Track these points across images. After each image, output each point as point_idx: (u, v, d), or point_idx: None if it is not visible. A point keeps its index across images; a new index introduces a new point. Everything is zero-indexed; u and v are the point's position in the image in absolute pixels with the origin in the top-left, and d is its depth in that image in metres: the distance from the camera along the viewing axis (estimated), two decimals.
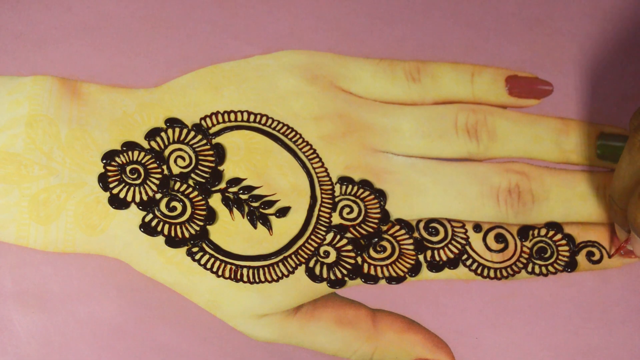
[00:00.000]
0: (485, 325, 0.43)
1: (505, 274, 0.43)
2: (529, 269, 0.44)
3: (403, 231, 0.43)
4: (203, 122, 0.44)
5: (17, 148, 0.42)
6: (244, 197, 0.43)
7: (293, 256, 0.42)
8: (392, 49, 0.48)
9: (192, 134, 0.44)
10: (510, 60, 0.48)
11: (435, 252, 0.43)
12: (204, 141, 0.44)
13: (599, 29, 0.49)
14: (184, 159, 0.43)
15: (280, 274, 0.42)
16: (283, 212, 0.43)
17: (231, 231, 0.42)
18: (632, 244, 0.41)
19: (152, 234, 0.42)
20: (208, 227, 0.42)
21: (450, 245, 0.43)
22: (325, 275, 0.42)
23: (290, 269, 0.42)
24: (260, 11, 0.48)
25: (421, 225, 0.44)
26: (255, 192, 0.43)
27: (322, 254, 0.43)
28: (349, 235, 0.43)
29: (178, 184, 0.43)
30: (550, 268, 0.44)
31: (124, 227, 0.42)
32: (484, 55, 0.48)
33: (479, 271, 0.43)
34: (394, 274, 0.43)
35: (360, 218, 0.43)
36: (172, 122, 0.44)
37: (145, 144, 0.43)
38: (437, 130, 0.45)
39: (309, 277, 0.42)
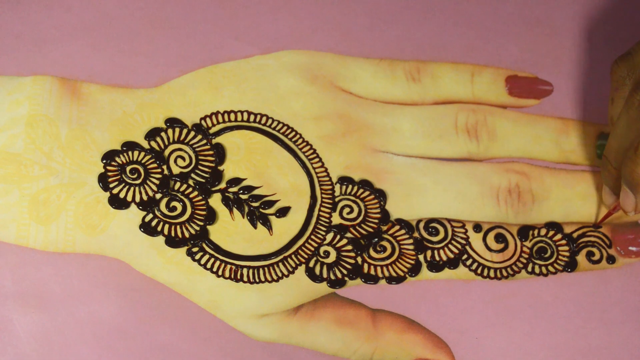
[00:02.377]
0: (485, 325, 0.43)
1: (505, 274, 0.43)
2: (529, 269, 0.44)
3: (403, 231, 0.43)
4: (203, 122, 0.44)
5: (17, 148, 0.42)
6: (244, 197, 0.43)
7: (293, 256, 0.42)
8: (392, 49, 0.48)
9: (192, 134, 0.44)
10: (510, 60, 0.48)
11: (435, 252, 0.43)
12: (204, 141, 0.44)
13: (599, 29, 0.49)
14: (184, 159, 0.43)
15: (280, 274, 0.42)
16: (283, 212, 0.43)
17: (231, 231, 0.42)
18: (622, 201, 0.41)
19: (152, 234, 0.42)
20: (208, 227, 0.42)
21: (450, 245, 0.43)
22: (325, 275, 0.42)
23: (290, 269, 0.42)
24: (260, 11, 0.48)
25: (421, 225, 0.44)
26: (255, 192, 0.43)
27: (322, 254, 0.43)
28: (349, 235, 0.43)
29: (178, 184, 0.43)
30: (550, 268, 0.44)
31: (124, 227, 0.42)
32: (484, 55, 0.48)
33: (479, 271, 0.43)
34: (394, 274, 0.43)
35: (360, 218, 0.43)
36: (172, 122, 0.44)
37: (145, 144, 0.43)
38: (437, 130, 0.45)
39: (309, 277, 0.42)
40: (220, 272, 0.42)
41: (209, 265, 0.42)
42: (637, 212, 0.41)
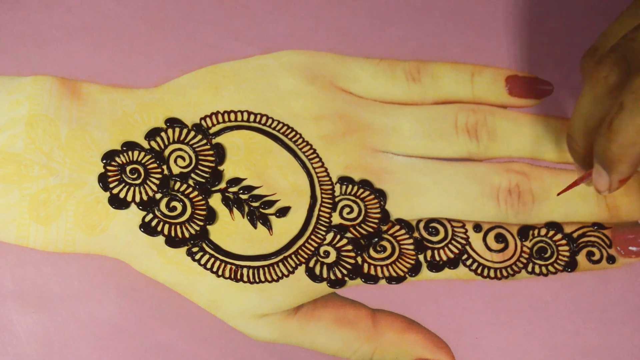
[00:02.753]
0: (485, 325, 0.43)
1: (505, 274, 0.43)
2: (529, 269, 0.44)
3: (403, 231, 0.43)
4: (203, 122, 0.44)
5: (17, 148, 0.42)
6: (244, 197, 0.43)
7: (293, 256, 0.42)
8: (392, 49, 0.48)
9: (192, 134, 0.44)
10: (510, 60, 0.48)
11: (435, 252, 0.43)
12: (204, 141, 0.44)
13: (599, 29, 0.49)
14: (184, 159, 0.43)
15: (280, 274, 0.42)
16: (283, 212, 0.43)
17: (231, 231, 0.42)
18: (595, 181, 0.40)
19: (152, 234, 0.42)
20: (208, 227, 0.42)
21: (450, 245, 0.43)
22: (325, 275, 0.42)
23: (290, 269, 0.42)
24: (260, 11, 0.48)
25: (421, 225, 0.44)
26: (255, 192, 0.43)
27: (322, 254, 0.43)
28: (349, 235, 0.43)
29: (178, 184, 0.43)
30: (550, 268, 0.44)
31: (124, 227, 0.42)
32: (484, 55, 0.48)
33: (479, 271, 0.43)
34: (394, 274, 0.43)
35: (360, 218, 0.43)
36: (172, 122, 0.44)
37: (145, 144, 0.43)
38: (437, 130, 0.45)
39: (309, 277, 0.42)
40: (220, 272, 0.42)
41: (209, 265, 0.42)
42: (610, 191, 0.40)
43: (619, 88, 0.37)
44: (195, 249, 0.42)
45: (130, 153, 0.43)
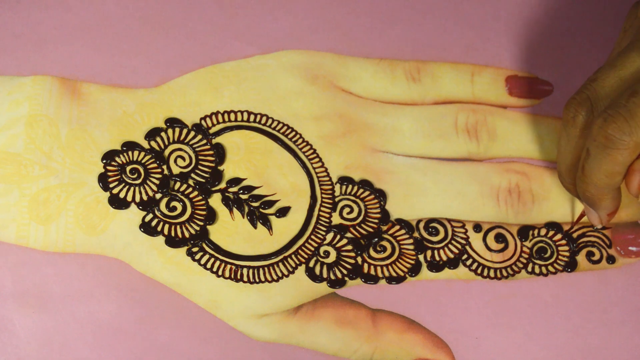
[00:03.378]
0: (485, 325, 0.43)
1: (505, 274, 0.43)
2: (529, 269, 0.44)
3: (403, 231, 0.43)
4: (203, 122, 0.44)
5: (17, 148, 0.42)
6: (244, 197, 0.43)
7: (293, 256, 0.42)
8: (392, 49, 0.48)
9: (192, 134, 0.44)
10: (510, 60, 0.48)
11: (435, 252, 0.43)
12: (204, 141, 0.44)
13: (599, 29, 0.49)
14: (184, 159, 0.43)
15: (280, 274, 0.42)
16: (283, 212, 0.43)
17: (231, 231, 0.42)
18: (588, 217, 0.42)
19: (152, 234, 0.42)
20: (208, 227, 0.42)
21: (450, 245, 0.43)
22: (325, 275, 0.42)
23: (290, 269, 0.42)
24: (260, 11, 0.48)
25: (421, 225, 0.44)
26: (255, 192, 0.43)
27: (322, 254, 0.43)
28: (349, 235, 0.43)
29: (178, 184, 0.43)
30: (550, 268, 0.44)
31: (124, 227, 0.42)
32: (484, 55, 0.48)
33: (479, 271, 0.43)
34: (394, 274, 0.43)
35: (360, 218, 0.43)
36: (172, 122, 0.44)
37: (145, 144, 0.43)
38: (437, 130, 0.45)
39: (309, 277, 0.42)
40: (220, 272, 0.42)
41: (209, 265, 0.42)
42: (604, 224, 0.42)
43: (588, 127, 0.39)
44: (195, 249, 0.42)
45: (130, 153, 0.43)
